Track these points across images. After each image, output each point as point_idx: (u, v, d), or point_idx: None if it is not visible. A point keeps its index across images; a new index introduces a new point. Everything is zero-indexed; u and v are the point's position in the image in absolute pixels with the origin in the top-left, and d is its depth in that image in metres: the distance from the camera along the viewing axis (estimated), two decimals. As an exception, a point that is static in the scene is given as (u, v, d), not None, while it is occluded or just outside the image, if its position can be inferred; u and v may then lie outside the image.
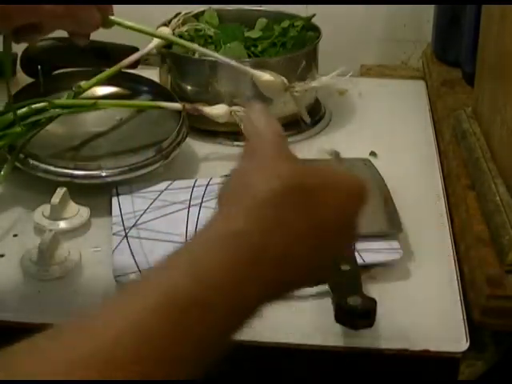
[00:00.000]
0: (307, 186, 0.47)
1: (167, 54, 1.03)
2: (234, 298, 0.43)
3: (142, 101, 0.99)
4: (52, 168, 0.85)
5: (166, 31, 1.01)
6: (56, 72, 1.03)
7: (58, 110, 0.90)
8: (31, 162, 0.86)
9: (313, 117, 1.09)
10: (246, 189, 0.46)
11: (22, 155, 0.87)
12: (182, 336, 0.41)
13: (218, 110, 0.95)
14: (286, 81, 0.64)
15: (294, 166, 0.48)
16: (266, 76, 0.90)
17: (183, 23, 1.04)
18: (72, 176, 0.85)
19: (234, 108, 0.95)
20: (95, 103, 0.92)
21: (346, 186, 0.49)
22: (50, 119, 0.90)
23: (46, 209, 0.82)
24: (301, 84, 0.70)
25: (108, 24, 0.72)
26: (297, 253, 0.46)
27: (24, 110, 0.88)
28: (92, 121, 0.95)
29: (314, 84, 0.77)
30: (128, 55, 0.99)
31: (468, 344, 0.67)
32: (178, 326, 0.40)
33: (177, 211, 0.82)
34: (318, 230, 0.47)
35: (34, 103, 0.89)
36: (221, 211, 0.47)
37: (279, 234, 0.44)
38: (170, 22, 1.04)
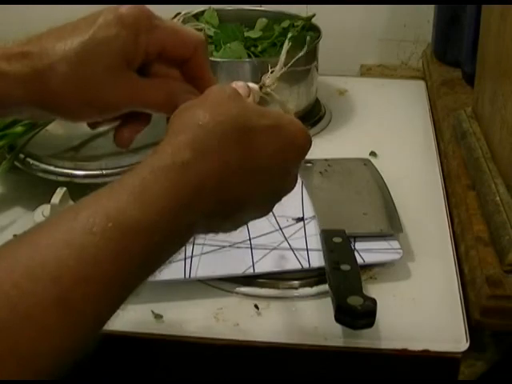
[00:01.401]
0: (253, 125, 0.49)
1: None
2: (176, 224, 0.45)
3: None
4: (52, 168, 0.85)
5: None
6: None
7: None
8: (31, 161, 0.86)
9: (313, 117, 1.09)
10: (194, 118, 0.48)
11: (21, 155, 0.87)
12: (125, 259, 0.42)
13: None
14: (257, 87, 0.64)
15: (244, 105, 0.50)
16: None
17: (183, 23, 1.05)
18: (72, 176, 0.85)
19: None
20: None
21: (291, 133, 0.51)
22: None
23: (46, 209, 0.82)
24: (268, 76, 0.70)
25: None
26: (232, 187, 0.48)
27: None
28: (92, 121, 0.95)
29: (279, 72, 0.75)
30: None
31: (468, 344, 0.67)
32: (121, 249, 0.42)
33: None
34: (253, 170, 0.49)
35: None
36: (169, 139, 0.48)
37: (218, 168, 0.47)
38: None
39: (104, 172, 0.86)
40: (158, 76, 0.56)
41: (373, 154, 0.98)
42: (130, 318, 0.68)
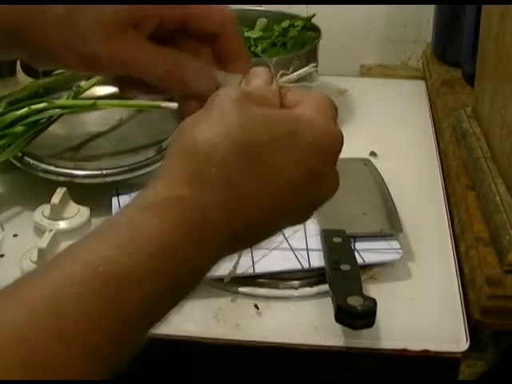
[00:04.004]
0: (259, 139, 0.42)
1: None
2: (176, 268, 0.39)
3: (142, 101, 0.99)
4: (52, 168, 0.85)
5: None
6: (56, 72, 1.03)
7: (58, 110, 0.90)
8: (31, 161, 0.86)
9: (313, 117, 1.09)
10: (189, 143, 0.42)
11: (21, 155, 0.87)
12: (113, 312, 0.37)
13: None
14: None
15: (250, 115, 0.43)
16: None
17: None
18: (72, 176, 0.85)
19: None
20: (95, 103, 0.92)
21: (310, 137, 0.44)
22: (51, 120, 0.90)
23: (46, 209, 0.82)
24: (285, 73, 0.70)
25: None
26: (251, 213, 0.42)
27: (24, 110, 0.88)
28: (92, 121, 0.95)
29: (296, 77, 0.75)
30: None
31: (468, 344, 0.67)
32: (105, 300, 0.36)
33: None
34: (272, 189, 0.43)
35: (34, 103, 0.89)
36: (164, 171, 0.42)
37: (225, 197, 0.41)
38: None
39: (104, 172, 0.86)
40: (182, 50, 0.51)
41: (373, 154, 0.98)
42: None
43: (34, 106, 0.88)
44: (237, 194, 0.41)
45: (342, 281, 0.67)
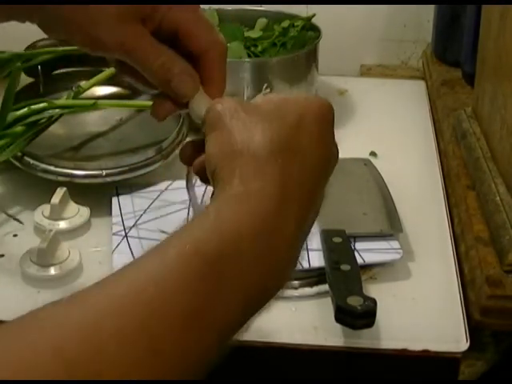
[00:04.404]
0: (288, 121, 0.46)
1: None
2: (262, 246, 0.42)
3: (142, 101, 0.99)
4: (52, 168, 0.85)
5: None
6: (56, 72, 1.03)
7: (58, 110, 0.90)
8: (31, 161, 0.86)
9: (313, 117, 1.09)
10: (236, 148, 0.45)
11: (21, 155, 0.87)
12: (209, 285, 0.39)
13: None
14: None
15: (258, 116, 0.47)
16: None
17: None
18: (72, 176, 0.85)
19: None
20: (95, 103, 0.92)
21: (312, 113, 0.48)
22: (51, 120, 0.90)
23: (45, 209, 0.82)
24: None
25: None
26: (311, 183, 0.46)
27: (24, 110, 0.88)
28: (92, 121, 0.95)
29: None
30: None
31: (468, 344, 0.67)
32: (205, 279, 0.39)
33: (177, 211, 0.83)
34: (321, 157, 0.47)
35: (34, 103, 0.89)
36: (224, 180, 0.45)
37: (283, 183, 0.44)
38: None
39: (104, 172, 0.86)
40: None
41: (373, 154, 0.98)
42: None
43: (33, 106, 0.89)
44: (293, 180, 0.45)
45: (342, 281, 0.67)
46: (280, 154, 0.45)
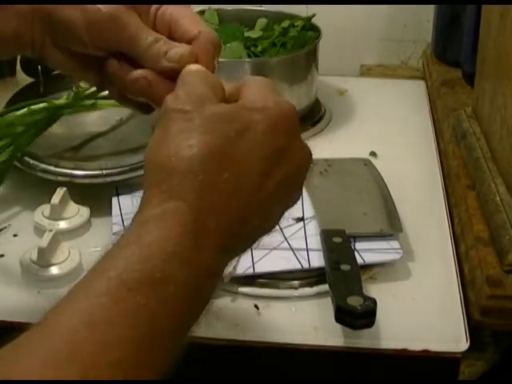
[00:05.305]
0: (223, 140, 0.45)
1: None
2: (188, 266, 0.41)
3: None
4: (52, 168, 0.85)
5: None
6: (56, 72, 1.03)
7: (58, 110, 0.90)
8: (31, 161, 0.86)
9: (313, 117, 1.09)
10: (166, 160, 0.45)
11: (21, 155, 0.87)
12: (142, 316, 0.39)
13: None
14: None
15: (201, 121, 0.45)
16: None
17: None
18: (72, 176, 0.85)
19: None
20: (95, 103, 0.92)
21: (264, 122, 0.46)
22: (52, 120, 0.90)
23: (45, 209, 0.82)
24: None
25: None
26: (234, 206, 0.45)
27: (24, 110, 0.88)
28: (92, 121, 0.95)
29: None
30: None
31: (468, 344, 0.67)
32: (133, 306, 0.39)
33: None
34: (248, 181, 0.45)
35: (34, 103, 0.89)
36: (147, 194, 0.45)
37: (210, 198, 0.44)
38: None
39: (104, 172, 0.86)
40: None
41: (373, 154, 0.98)
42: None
43: (33, 106, 0.88)
44: (219, 194, 0.44)
45: (342, 281, 0.67)
46: (205, 168, 0.44)
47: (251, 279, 0.74)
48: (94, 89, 0.96)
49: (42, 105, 0.89)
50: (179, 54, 0.52)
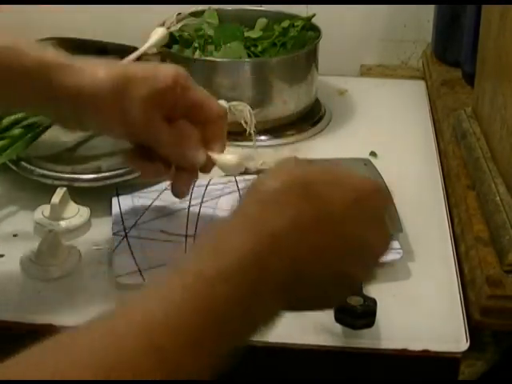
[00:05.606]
0: (307, 179, 0.50)
1: (167, 54, 1.04)
2: (255, 279, 0.46)
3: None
4: (49, 173, 0.85)
5: (161, 31, 1.00)
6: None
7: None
8: (28, 166, 0.86)
9: (313, 117, 1.09)
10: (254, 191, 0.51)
11: (17, 159, 0.87)
12: (211, 308, 0.44)
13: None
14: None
15: (295, 170, 0.51)
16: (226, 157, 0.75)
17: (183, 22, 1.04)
18: (70, 180, 0.85)
19: (233, 103, 0.94)
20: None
21: (353, 184, 0.52)
22: (50, 123, 0.89)
23: (46, 209, 0.82)
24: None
25: (208, 168, 0.71)
26: (311, 238, 0.49)
27: (22, 113, 0.88)
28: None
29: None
30: (128, 55, 0.99)
31: (468, 344, 0.67)
32: (205, 298, 0.44)
33: (177, 211, 0.82)
34: (324, 222, 0.49)
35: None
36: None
37: (289, 222, 0.48)
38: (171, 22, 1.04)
39: (104, 173, 0.86)
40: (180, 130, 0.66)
41: (373, 154, 0.98)
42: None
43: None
44: (293, 225, 0.49)
45: (342, 281, 0.67)
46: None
47: (251, 279, 0.73)
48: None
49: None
50: (196, 157, 0.69)
